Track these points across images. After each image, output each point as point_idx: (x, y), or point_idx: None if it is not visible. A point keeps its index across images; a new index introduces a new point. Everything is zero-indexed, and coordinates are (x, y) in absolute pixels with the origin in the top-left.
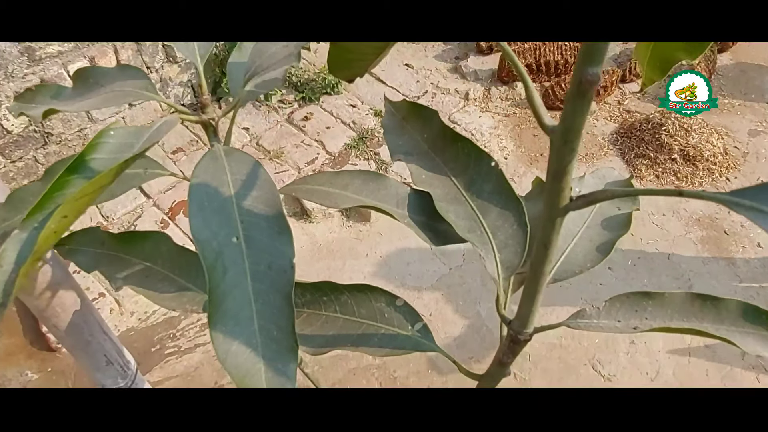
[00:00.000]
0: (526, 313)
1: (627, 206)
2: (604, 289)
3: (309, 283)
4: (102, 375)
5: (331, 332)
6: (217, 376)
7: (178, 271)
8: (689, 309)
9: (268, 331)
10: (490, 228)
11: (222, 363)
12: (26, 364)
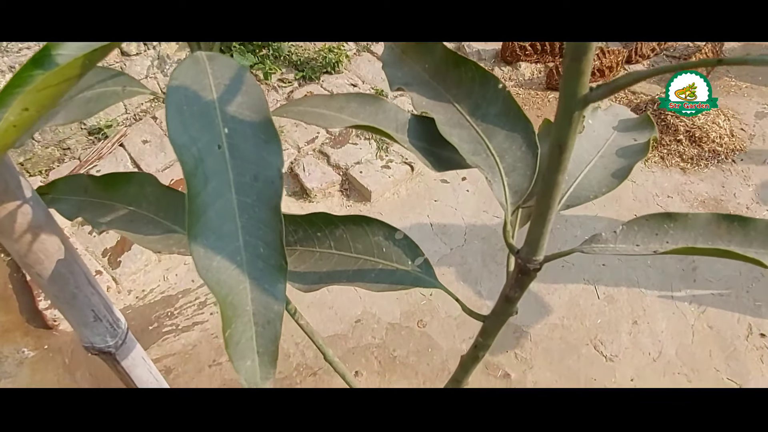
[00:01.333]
0: (536, 238)
1: (643, 136)
2: (607, 269)
3: (301, 216)
4: (90, 332)
5: (325, 269)
6: (215, 355)
7: (163, 214)
8: (715, 231)
9: (254, 248)
10: (496, 151)
11: (203, 278)
12: (23, 341)
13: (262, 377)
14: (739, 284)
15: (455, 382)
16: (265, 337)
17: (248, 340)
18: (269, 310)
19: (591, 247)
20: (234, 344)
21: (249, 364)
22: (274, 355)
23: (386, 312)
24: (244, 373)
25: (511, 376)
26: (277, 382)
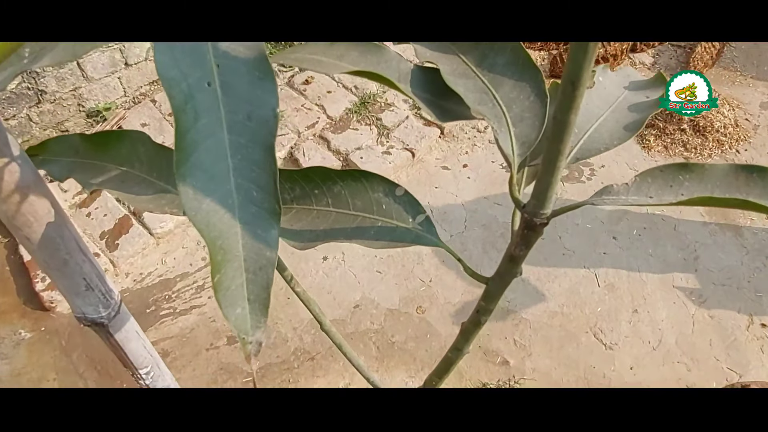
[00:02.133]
0: (544, 189)
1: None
2: (608, 258)
3: (298, 171)
4: (82, 301)
5: (322, 227)
6: (213, 339)
7: (156, 174)
8: (732, 182)
9: (246, 191)
10: (503, 100)
11: (192, 221)
12: (20, 323)
13: (253, 326)
14: (740, 274)
15: (456, 350)
16: (256, 284)
17: (239, 287)
18: (261, 256)
19: (602, 198)
20: (223, 290)
21: (239, 311)
22: (265, 303)
23: (385, 298)
24: (233, 321)
25: (509, 363)
26: (275, 366)
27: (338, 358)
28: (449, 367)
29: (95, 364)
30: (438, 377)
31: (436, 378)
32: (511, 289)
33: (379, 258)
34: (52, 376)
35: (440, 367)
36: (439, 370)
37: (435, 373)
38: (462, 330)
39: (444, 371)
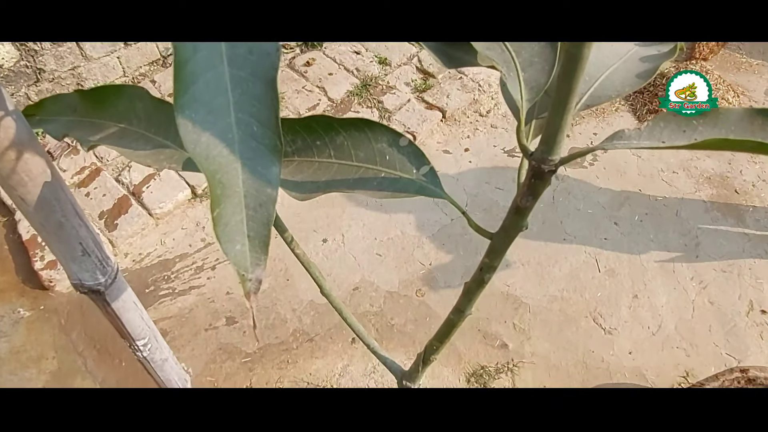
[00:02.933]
0: (553, 134)
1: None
2: (609, 243)
3: (299, 121)
4: (78, 267)
5: (324, 178)
6: (211, 319)
7: (155, 130)
8: (747, 127)
9: (246, 126)
10: (512, 46)
11: (190, 153)
12: (18, 301)
13: (253, 263)
14: (741, 261)
15: (458, 312)
16: (256, 220)
17: (238, 223)
18: (262, 193)
19: (613, 144)
20: (222, 225)
21: (239, 248)
22: (265, 240)
23: (385, 280)
24: (233, 257)
25: (508, 346)
26: (273, 347)
27: (337, 339)
28: (451, 330)
29: (94, 343)
30: (439, 341)
31: (437, 342)
32: (511, 273)
33: (379, 241)
34: (51, 354)
35: (442, 331)
36: (440, 334)
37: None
38: (465, 290)
39: (445, 335)
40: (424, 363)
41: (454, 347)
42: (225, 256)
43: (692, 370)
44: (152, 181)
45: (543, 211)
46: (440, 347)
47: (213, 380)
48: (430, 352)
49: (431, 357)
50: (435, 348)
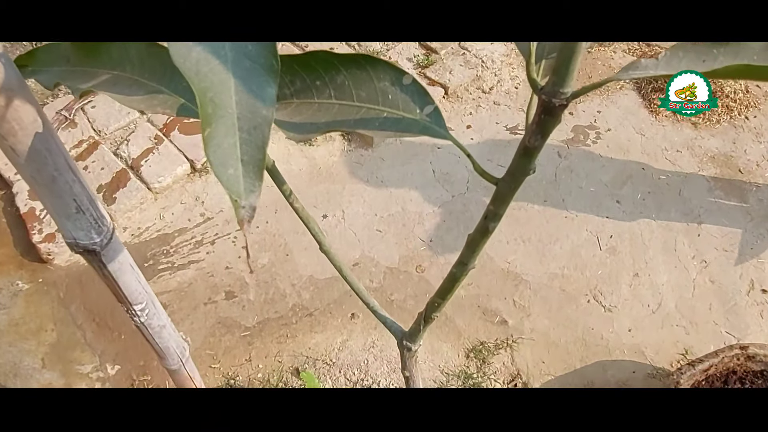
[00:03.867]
0: (564, 65)
1: None
2: (610, 221)
3: (298, 58)
4: (72, 225)
5: (324, 119)
6: (211, 293)
7: (148, 75)
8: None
9: (241, 44)
10: None
11: (180, 68)
12: (17, 274)
13: (247, 189)
14: (744, 240)
15: (461, 265)
16: (250, 144)
17: (231, 146)
18: (256, 114)
19: (629, 73)
20: (214, 146)
21: (231, 172)
22: (260, 165)
23: (384, 256)
24: (225, 182)
25: (508, 323)
26: (273, 322)
27: (336, 314)
28: (453, 286)
29: (93, 316)
30: (441, 298)
31: (438, 299)
32: (512, 250)
33: (380, 217)
34: (50, 326)
35: (444, 287)
36: (442, 290)
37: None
38: (468, 241)
39: (447, 291)
40: (425, 322)
41: (453, 323)
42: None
43: (691, 347)
44: (151, 155)
45: (545, 189)
46: (442, 304)
47: (212, 353)
48: (431, 309)
49: (432, 315)
50: (437, 305)
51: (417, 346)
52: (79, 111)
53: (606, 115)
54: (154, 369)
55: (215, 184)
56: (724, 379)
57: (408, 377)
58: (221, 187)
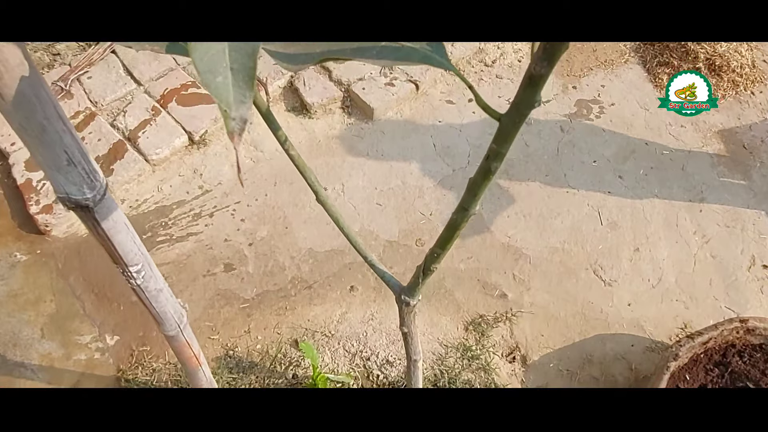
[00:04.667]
0: None
1: None
2: (612, 196)
3: None
4: (64, 178)
5: (318, 49)
6: (209, 265)
7: None
8: None
9: None
10: None
11: None
12: (15, 245)
13: (237, 99)
14: (746, 216)
15: (462, 211)
16: (240, 51)
17: (219, 52)
18: None
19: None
20: (201, 53)
21: (220, 80)
22: (251, 74)
23: (384, 230)
24: (214, 90)
25: (508, 296)
26: (272, 294)
27: (336, 287)
28: (453, 234)
29: (92, 287)
30: (441, 248)
31: (438, 249)
32: (512, 224)
33: (380, 190)
34: (49, 297)
35: (444, 236)
36: (442, 240)
37: (438, 244)
38: (469, 185)
39: (448, 240)
40: (424, 274)
41: (452, 297)
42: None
43: (690, 322)
44: (148, 126)
45: (547, 163)
46: (441, 254)
47: (211, 324)
48: (430, 260)
49: (432, 266)
50: (436, 256)
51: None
52: (75, 82)
53: (610, 89)
54: (153, 339)
55: (214, 156)
56: (723, 352)
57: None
58: (220, 159)
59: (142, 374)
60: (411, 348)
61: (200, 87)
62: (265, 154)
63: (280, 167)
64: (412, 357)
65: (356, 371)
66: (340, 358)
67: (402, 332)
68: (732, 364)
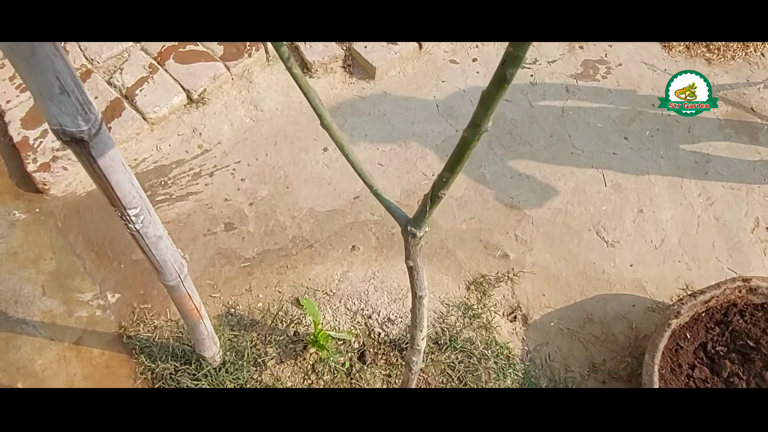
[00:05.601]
0: None
1: None
2: (617, 158)
3: None
4: (57, 108)
5: None
6: (210, 224)
7: None
8: None
9: None
10: None
11: None
12: (13, 204)
13: None
14: (751, 179)
15: (474, 127)
16: None
17: None
18: None
19: None
20: None
21: None
22: None
23: (386, 190)
24: None
25: (510, 257)
26: (273, 253)
27: (337, 246)
28: (464, 154)
29: (93, 246)
30: (450, 171)
31: (447, 173)
32: (515, 186)
33: (382, 151)
34: (49, 255)
35: (453, 157)
36: (451, 162)
37: (447, 168)
38: (482, 97)
39: (457, 161)
40: (432, 201)
41: (454, 256)
42: None
43: (692, 282)
44: (145, 84)
45: (551, 125)
46: (450, 179)
47: (212, 283)
48: (438, 186)
49: (440, 192)
50: (445, 180)
51: (422, 232)
52: None
53: (617, 49)
54: (155, 297)
55: (213, 115)
56: (725, 311)
57: (412, 267)
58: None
59: (143, 331)
60: (416, 283)
61: (198, 44)
62: (265, 114)
63: (280, 127)
64: (418, 293)
65: (357, 329)
66: (341, 316)
67: (407, 266)
68: (733, 323)
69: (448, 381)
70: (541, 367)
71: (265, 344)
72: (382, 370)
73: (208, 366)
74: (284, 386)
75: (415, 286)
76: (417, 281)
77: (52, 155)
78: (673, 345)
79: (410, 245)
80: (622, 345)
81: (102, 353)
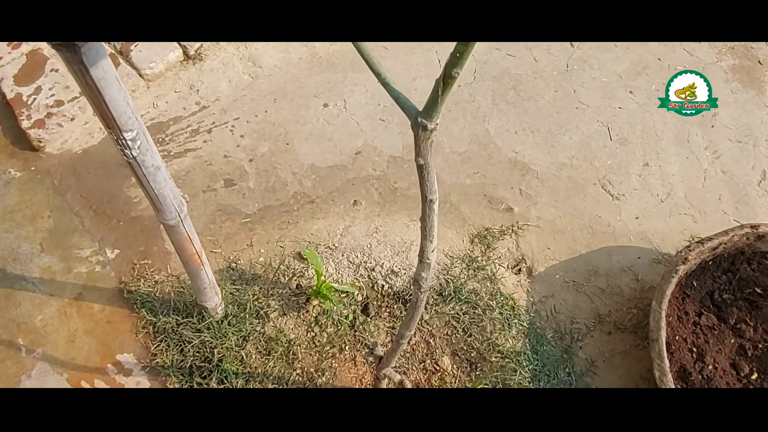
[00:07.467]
0: None
1: None
2: (622, 113)
3: None
4: None
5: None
6: (209, 181)
7: None
8: None
9: None
10: None
11: None
12: (9, 163)
13: None
14: (759, 132)
15: None
16: None
17: None
18: None
19: None
20: None
21: None
22: None
23: (388, 145)
24: None
25: (514, 210)
26: (274, 209)
27: (339, 202)
28: None
29: (90, 204)
30: (466, 44)
31: (462, 47)
32: (520, 140)
33: (383, 106)
34: (47, 213)
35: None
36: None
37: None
38: None
39: None
40: (445, 83)
41: (458, 211)
42: None
43: (698, 235)
44: None
45: (556, 80)
46: (465, 53)
47: (213, 239)
48: (452, 64)
49: (453, 71)
50: (459, 56)
51: (433, 124)
52: None
53: None
54: (155, 254)
55: (210, 72)
56: (732, 259)
57: (422, 166)
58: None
59: (144, 286)
60: (427, 185)
61: None
62: (264, 70)
63: (279, 84)
64: (428, 196)
65: (360, 281)
66: (344, 269)
67: (417, 164)
68: (740, 271)
69: (453, 332)
70: (547, 319)
71: (268, 297)
72: (386, 323)
73: (210, 318)
74: (288, 338)
75: (425, 188)
76: (427, 182)
77: (46, 111)
78: (680, 293)
79: (421, 140)
80: (628, 297)
81: (103, 308)
